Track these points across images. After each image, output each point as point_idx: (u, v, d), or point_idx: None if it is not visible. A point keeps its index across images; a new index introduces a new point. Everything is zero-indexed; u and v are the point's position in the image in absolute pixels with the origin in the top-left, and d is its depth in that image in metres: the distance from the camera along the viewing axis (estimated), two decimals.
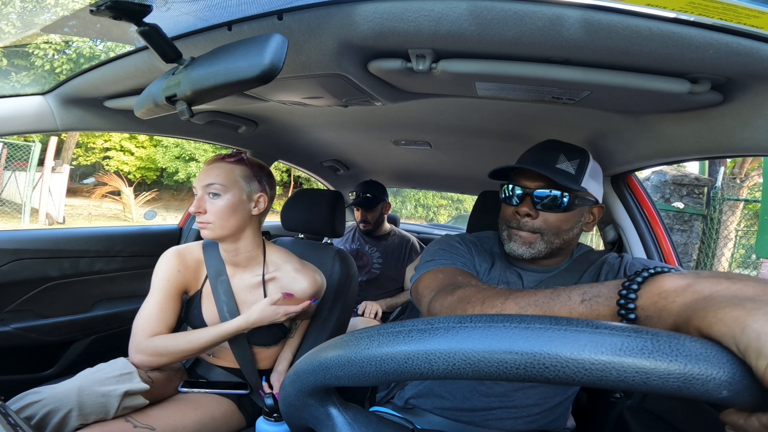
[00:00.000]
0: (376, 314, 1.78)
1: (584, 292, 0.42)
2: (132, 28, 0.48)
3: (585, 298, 0.42)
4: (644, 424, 0.89)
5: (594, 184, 0.78)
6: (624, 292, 0.37)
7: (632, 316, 0.36)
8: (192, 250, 1.06)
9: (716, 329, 0.26)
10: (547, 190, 0.74)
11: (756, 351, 0.23)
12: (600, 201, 0.81)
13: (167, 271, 0.99)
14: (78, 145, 10.36)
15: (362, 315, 1.77)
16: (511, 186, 0.79)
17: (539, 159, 0.77)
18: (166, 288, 0.98)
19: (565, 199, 0.74)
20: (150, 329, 0.93)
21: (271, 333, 1.04)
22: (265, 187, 1.02)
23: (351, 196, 2.01)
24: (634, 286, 0.37)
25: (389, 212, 2.11)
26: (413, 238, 2.10)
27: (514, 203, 0.78)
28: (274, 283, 1.04)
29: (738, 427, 0.26)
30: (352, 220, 2.51)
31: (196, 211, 0.95)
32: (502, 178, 0.82)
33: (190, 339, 0.94)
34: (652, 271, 0.37)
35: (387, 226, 2.10)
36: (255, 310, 0.95)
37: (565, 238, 0.78)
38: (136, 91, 0.75)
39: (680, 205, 4.32)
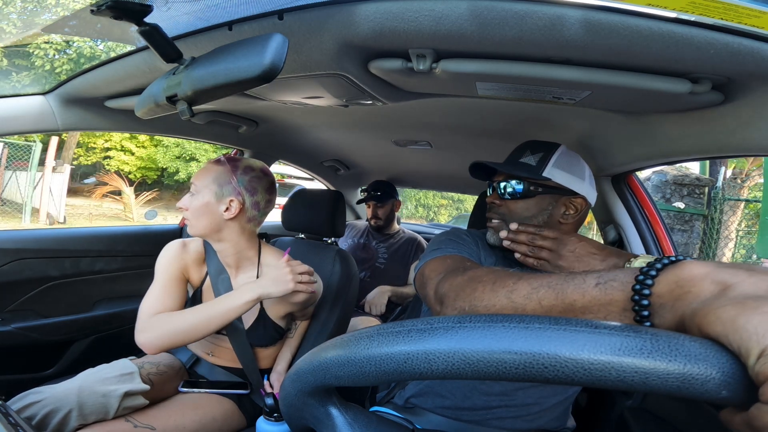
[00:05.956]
0: (376, 307, 1.77)
1: (600, 275, 0.41)
2: (133, 28, 0.48)
3: (600, 281, 0.40)
4: (644, 425, 0.89)
5: (563, 174, 0.80)
6: (641, 277, 0.35)
7: (645, 302, 0.34)
8: (196, 243, 1.07)
9: (713, 328, 0.26)
10: (506, 181, 0.83)
11: (746, 350, 0.23)
12: (581, 193, 0.81)
13: (168, 257, 1.01)
14: (79, 145, 10.37)
15: (368, 311, 1.76)
16: (487, 182, 0.91)
17: (510, 157, 0.87)
18: (169, 271, 0.98)
19: (520, 187, 0.82)
20: (155, 308, 0.92)
21: (268, 333, 1.04)
22: (242, 191, 0.97)
23: (362, 195, 2.04)
24: (653, 272, 0.35)
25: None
26: (420, 238, 2.11)
27: (488, 194, 0.90)
28: None
29: (729, 425, 0.26)
30: (353, 219, 2.51)
31: (179, 206, 0.99)
32: (488, 178, 0.92)
33: (195, 314, 0.89)
34: (673, 258, 0.36)
35: (396, 226, 2.12)
36: (264, 278, 0.91)
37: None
38: (137, 91, 0.75)
39: (681, 205, 4.32)
